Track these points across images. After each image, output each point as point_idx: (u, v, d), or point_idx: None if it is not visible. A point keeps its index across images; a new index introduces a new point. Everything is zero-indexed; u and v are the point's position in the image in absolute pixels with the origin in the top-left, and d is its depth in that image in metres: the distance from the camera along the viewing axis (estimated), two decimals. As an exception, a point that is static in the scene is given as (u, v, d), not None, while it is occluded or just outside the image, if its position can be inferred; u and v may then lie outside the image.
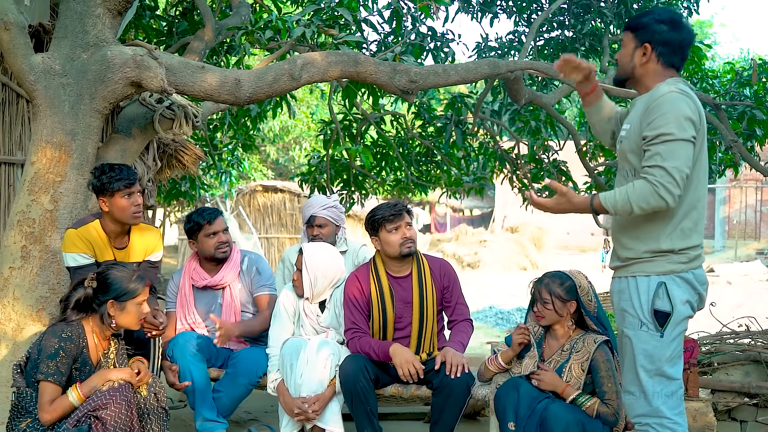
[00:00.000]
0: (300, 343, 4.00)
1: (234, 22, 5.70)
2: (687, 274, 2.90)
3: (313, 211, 4.65)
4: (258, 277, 4.40)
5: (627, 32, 3.08)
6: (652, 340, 2.88)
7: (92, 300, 3.32)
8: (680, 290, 2.89)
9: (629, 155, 2.99)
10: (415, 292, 4.04)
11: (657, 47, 2.98)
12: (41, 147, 3.79)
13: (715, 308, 5.07)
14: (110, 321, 3.32)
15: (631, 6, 7.09)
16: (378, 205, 4.10)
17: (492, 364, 3.83)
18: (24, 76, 3.82)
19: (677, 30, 3.00)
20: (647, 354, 2.89)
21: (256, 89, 4.16)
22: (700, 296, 2.97)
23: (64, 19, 3.95)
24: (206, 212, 4.31)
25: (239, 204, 17.14)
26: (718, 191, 25.18)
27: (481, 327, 11.07)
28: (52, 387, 3.15)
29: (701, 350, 4.73)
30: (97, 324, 3.35)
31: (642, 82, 3.04)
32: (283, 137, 20.34)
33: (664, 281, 2.87)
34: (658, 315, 2.87)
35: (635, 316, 2.92)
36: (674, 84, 2.91)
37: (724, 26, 48.13)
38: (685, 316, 2.92)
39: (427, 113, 7.39)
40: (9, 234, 3.80)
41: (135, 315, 3.37)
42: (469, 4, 7.71)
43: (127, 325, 3.38)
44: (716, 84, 7.42)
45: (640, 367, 2.91)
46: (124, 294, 3.31)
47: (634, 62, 3.03)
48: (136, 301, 3.35)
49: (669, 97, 2.83)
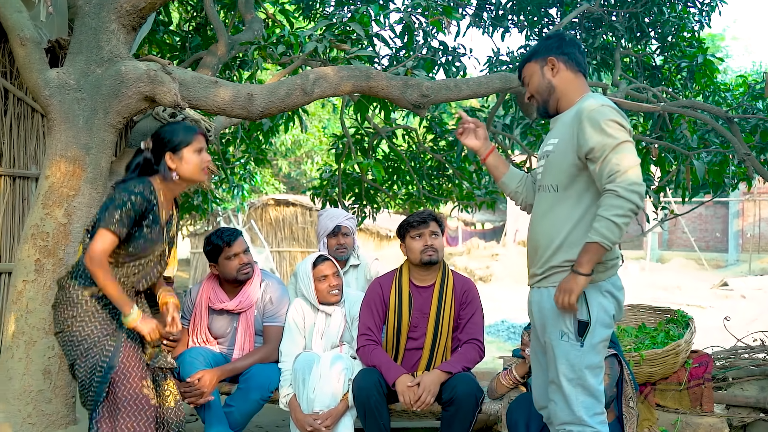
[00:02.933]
0: (312, 358, 4.00)
1: (247, 37, 5.74)
2: (604, 282, 2.95)
3: (339, 221, 4.73)
4: (270, 306, 4.33)
5: (526, 65, 3.25)
6: (572, 350, 2.91)
7: (152, 161, 3.27)
8: (598, 299, 2.92)
9: (556, 169, 3.04)
10: (434, 303, 4.04)
11: (560, 56, 3.14)
12: (55, 161, 3.81)
13: (730, 322, 5.04)
14: (171, 175, 3.25)
15: (642, 20, 7.09)
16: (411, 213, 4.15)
17: (506, 378, 3.82)
18: (39, 90, 3.85)
19: (566, 40, 3.19)
20: (569, 363, 2.92)
21: (269, 104, 4.18)
22: (618, 303, 3.00)
23: (79, 34, 3.98)
24: (225, 233, 4.26)
25: (251, 218, 17.18)
26: (731, 205, 25.02)
27: (493, 341, 11.03)
28: (109, 235, 3.07)
29: (716, 365, 4.69)
30: (161, 182, 3.28)
31: (563, 96, 3.15)
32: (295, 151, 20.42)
33: (584, 290, 2.89)
34: (579, 324, 2.89)
35: (555, 326, 2.95)
36: (599, 98, 3.02)
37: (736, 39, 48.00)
38: (605, 325, 2.94)
39: (438, 127, 7.41)
40: (23, 247, 3.82)
41: (195, 163, 3.29)
42: (480, 19, 7.73)
43: (191, 174, 3.30)
44: (729, 97, 7.41)
45: (562, 375, 2.93)
46: (178, 143, 3.26)
47: (548, 78, 3.16)
48: (192, 149, 3.28)
49: (600, 111, 2.90)
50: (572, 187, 2.98)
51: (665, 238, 27.14)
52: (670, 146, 6.31)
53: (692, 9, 7.26)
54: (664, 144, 6.31)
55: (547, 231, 3.04)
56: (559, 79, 3.13)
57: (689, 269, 23.19)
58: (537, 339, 3.16)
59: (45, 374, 3.74)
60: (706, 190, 7.90)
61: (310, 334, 4.19)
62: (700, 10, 7.23)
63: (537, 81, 3.19)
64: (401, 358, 4.08)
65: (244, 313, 4.31)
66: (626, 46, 7.42)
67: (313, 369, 3.92)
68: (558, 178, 3.03)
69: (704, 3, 7.20)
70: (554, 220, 3.01)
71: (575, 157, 2.94)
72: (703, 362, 4.39)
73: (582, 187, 2.96)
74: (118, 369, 3.11)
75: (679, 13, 7.15)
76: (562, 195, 3.00)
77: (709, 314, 12.76)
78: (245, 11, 6.14)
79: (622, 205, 2.76)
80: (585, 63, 3.20)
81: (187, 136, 3.29)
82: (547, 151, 3.13)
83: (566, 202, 2.99)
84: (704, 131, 6.73)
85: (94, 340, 3.13)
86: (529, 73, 3.22)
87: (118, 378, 3.11)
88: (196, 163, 3.30)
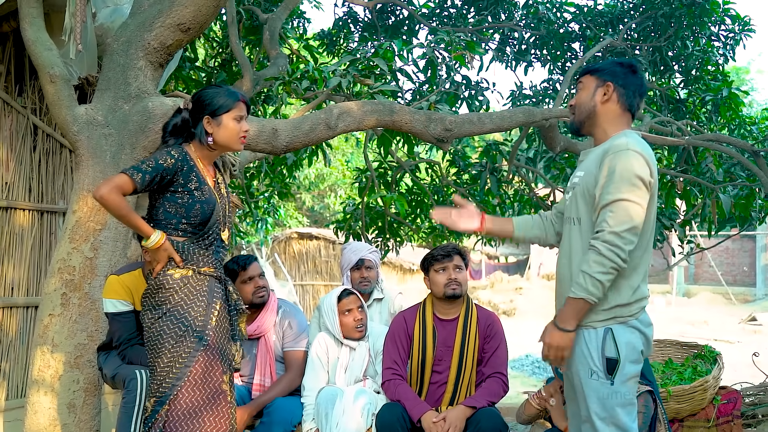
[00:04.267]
0: (335, 392, 3.98)
1: (271, 72, 5.81)
2: (632, 320, 2.91)
3: (362, 255, 4.72)
4: (290, 331, 4.33)
5: (586, 75, 3.14)
6: (602, 388, 2.86)
7: (189, 123, 3.21)
8: (627, 335, 2.88)
9: (580, 202, 3.01)
10: (458, 336, 4.02)
11: (618, 87, 3.05)
12: (83, 196, 3.85)
13: (759, 358, 4.96)
14: (207, 139, 3.18)
15: (666, 53, 7.10)
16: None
17: (534, 399, 3.79)
18: (68, 126, 3.91)
19: (636, 74, 3.09)
20: (600, 401, 2.87)
21: (293, 138, 4.21)
22: (647, 338, 2.96)
23: (107, 71, 4.05)
24: (240, 258, 4.30)
25: (275, 251, 17.24)
26: (758, 238, 24.73)
27: (517, 376, 10.91)
28: (123, 176, 2.96)
29: (745, 402, 4.61)
30: (198, 147, 3.21)
31: (600, 125, 3.08)
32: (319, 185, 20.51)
33: (611, 327, 2.87)
34: (608, 362, 2.85)
35: (585, 364, 2.91)
36: (632, 137, 2.94)
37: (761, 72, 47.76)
38: (633, 361, 2.89)
39: (461, 161, 7.42)
40: (50, 281, 3.86)
41: (233, 130, 3.20)
42: (503, 53, 7.78)
43: (226, 141, 3.22)
44: (754, 130, 7.37)
45: (593, 414, 2.88)
46: (218, 107, 3.17)
47: (595, 100, 3.07)
48: (231, 116, 3.19)
49: (624, 155, 2.84)
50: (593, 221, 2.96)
51: (691, 272, 26.84)
52: (696, 180, 6.27)
53: (716, 42, 7.26)
54: (689, 177, 6.27)
55: (570, 265, 3.02)
56: (605, 108, 3.06)
57: (716, 304, 22.88)
58: (568, 379, 3.12)
59: (70, 408, 3.75)
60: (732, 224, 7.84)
61: (334, 369, 4.18)
62: (725, 43, 7.22)
63: (585, 97, 3.11)
64: (425, 392, 4.06)
65: (262, 337, 4.32)
66: (650, 79, 7.42)
67: (336, 403, 3.90)
68: (581, 211, 3.01)
69: (728, 36, 7.20)
70: (579, 253, 2.99)
71: (594, 193, 2.93)
72: (731, 399, 4.32)
73: None
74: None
75: (703, 46, 7.16)
76: (585, 228, 2.99)
77: (738, 350, 12.54)
78: (270, 47, 6.22)
79: (604, 263, 2.76)
80: (637, 106, 3.13)
81: (228, 102, 3.20)
82: (573, 183, 3.10)
83: (589, 235, 2.97)
84: (730, 165, 6.69)
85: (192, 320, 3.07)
86: (584, 84, 3.14)
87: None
88: (235, 130, 3.22)
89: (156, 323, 3.08)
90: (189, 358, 3.04)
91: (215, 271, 3.21)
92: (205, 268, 3.15)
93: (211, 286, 3.17)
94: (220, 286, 3.23)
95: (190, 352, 3.04)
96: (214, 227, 3.22)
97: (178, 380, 3.01)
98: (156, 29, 3.97)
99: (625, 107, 3.07)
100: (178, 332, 3.04)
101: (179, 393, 3.02)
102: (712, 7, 6.90)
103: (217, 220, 3.23)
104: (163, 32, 3.98)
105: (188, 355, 3.04)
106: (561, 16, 7.57)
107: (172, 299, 3.08)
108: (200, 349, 3.06)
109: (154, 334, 3.07)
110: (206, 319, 3.10)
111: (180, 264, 3.12)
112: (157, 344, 3.06)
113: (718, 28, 7.20)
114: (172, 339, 3.04)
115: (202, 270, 3.14)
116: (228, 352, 3.21)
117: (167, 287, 3.09)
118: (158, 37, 3.98)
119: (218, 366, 3.12)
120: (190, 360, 3.03)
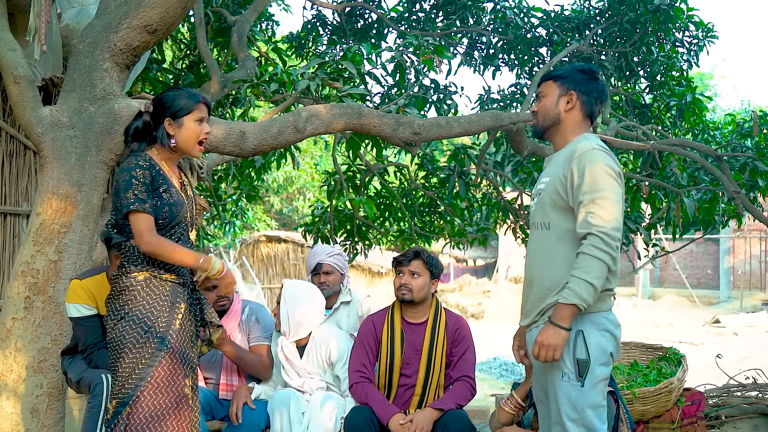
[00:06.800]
0: (287, 395, 3.99)
1: (240, 75, 5.78)
2: (602, 320, 2.94)
3: (320, 259, 4.65)
4: (256, 326, 4.34)
5: (548, 82, 3.17)
6: (573, 390, 2.89)
7: (151, 125, 3.17)
8: (596, 337, 2.91)
9: (548, 208, 3.04)
10: (426, 340, 4.03)
11: (581, 95, 3.09)
12: (47, 198, 3.81)
13: (722, 360, 5.03)
14: (170, 141, 3.15)
15: (632, 59, 7.19)
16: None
17: (507, 404, 3.80)
18: (32, 128, 3.86)
19: (597, 81, 3.14)
20: (571, 403, 2.90)
21: (261, 141, 4.20)
22: (616, 340, 2.99)
23: (72, 72, 4.00)
24: None
25: (243, 254, 17.16)
26: (722, 242, 25.12)
27: (486, 378, 10.97)
28: (140, 215, 2.97)
29: (708, 403, 4.67)
30: (160, 150, 3.18)
31: (562, 132, 3.13)
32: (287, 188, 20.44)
33: (582, 329, 2.89)
34: (578, 363, 2.88)
35: (556, 366, 2.93)
36: (592, 140, 3.00)
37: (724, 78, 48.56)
38: (604, 363, 2.93)
39: (430, 164, 7.44)
40: (13, 284, 3.80)
41: (194, 132, 3.17)
42: (471, 57, 7.82)
43: (185, 144, 3.18)
44: (717, 135, 7.48)
45: (564, 416, 2.91)
46: (179, 109, 3.15)
47: (559, 109, 3.11)
48: (192, 117, 3.16)
49: (590, 155, 2.90)
50: (562, 225, 2.99)
51: (657, 275, 27.18)
52: (661, 184, 6.36)
53: (681, 48, 7.36)
54: (654, 182, 6.35)
55: (539, 269, 3.05)
56: (569, 115, 3.10)
57: (681, 306, 23.18)
58: (538, 381, 3.14)
59: (33, 413, 3.70)
60: (696, 228, 7.94)
61: (280, 364, 4.21)
62: (689, 49, 7.32)
63: (548, 104, 3.13)
64: (394, 395, 4.06)
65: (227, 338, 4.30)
66: (616, 84, 7.51)
67: (291, 407, 3.92)
68: (548, 217, 3.04)
69: (692, 43, 7.31)
70: (546, 258, 3.01)
71: (564, 197, 2.96)
72: (695, 400, 4.37)
73: (572, 226, 2.96)
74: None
75: (667, 52, 7.25)
76: (553, 233, 3.01)
77: (702, 352, 12.73)
78: (238, 50, 6.19)
79: (599, 267, 2.79)
80: (598, 112, 3.17)
81: (189, 103, 3.18)
82: (539, 189, 3.13)
83: (557, 240, 2.99)
84: (694, 169, 6.79)
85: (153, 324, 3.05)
86: (546, 90, 3.16)
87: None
88: (195, 133, 3.19)
89: (118, 325, 3.04)
90: (151, 359, 3.00)
91: (178, 278, 3.18)
92: (167, 275, 3.13)
93: (174, 289, 3.14)
94: (183, 290, 3.21)
95: (152, 354, 3.01)
96: (181, 228, 3.20)
97: (140, 381, 2.98)
98: (122, 30, 3.93)
99: (586, 114, 3.12)
100: (140, 334, 3.01)
101: (141, 395, 2.98)
102: (676, 14, 7.00)
103: (184, 222, 3.22)
104: (129, 33, 3.94)
105: (150, 356, 3.01)
106: (528, 21, 7.62)
107: (135, 300, 3.04)
108: (162, 352, 3.03)
109: (117, 336, 3.03)
110: (169, 322, 3.07)
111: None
112: (119, 346, 3.02)
113: (683, 35, 7.29)
114: (134, 340, 3.00)
115: (163, 276, 3.11)
116: (191, 357, 3.18)
117: (131, 289, 3.05)
118: (125, 38, 3.94)
119: (180, 370, 3.09)
120: (153, 361, 3.00)
